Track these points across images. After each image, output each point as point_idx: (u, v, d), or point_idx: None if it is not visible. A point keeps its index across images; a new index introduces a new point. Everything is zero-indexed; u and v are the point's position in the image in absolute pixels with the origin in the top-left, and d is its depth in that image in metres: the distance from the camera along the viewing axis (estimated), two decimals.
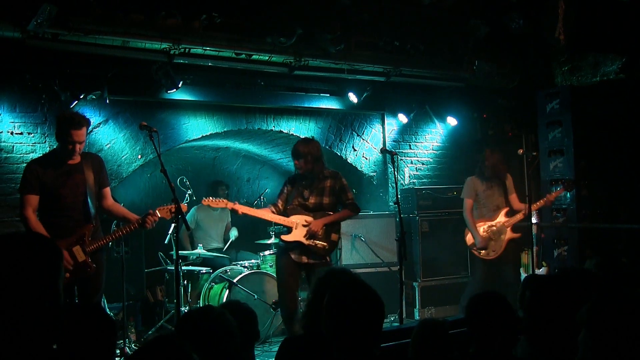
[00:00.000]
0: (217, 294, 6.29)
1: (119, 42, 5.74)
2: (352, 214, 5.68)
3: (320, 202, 5.55)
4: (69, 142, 4.54)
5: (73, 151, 4.58)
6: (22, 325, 2.06)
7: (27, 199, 4.49)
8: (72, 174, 4.62)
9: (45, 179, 4.53)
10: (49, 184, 4.53)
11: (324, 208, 5.55)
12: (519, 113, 8.18)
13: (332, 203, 5.57)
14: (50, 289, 2.17)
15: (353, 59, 6.87)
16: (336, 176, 5.61)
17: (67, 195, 4.58)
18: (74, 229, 4.57)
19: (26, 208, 4.48)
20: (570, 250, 6.84)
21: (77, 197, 4.63)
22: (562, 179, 6.89)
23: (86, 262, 4.54)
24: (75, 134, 4.53)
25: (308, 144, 5.59)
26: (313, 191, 5.55)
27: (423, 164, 8.41)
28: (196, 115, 6.90)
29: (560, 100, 7.06)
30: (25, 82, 5.85)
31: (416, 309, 7.33)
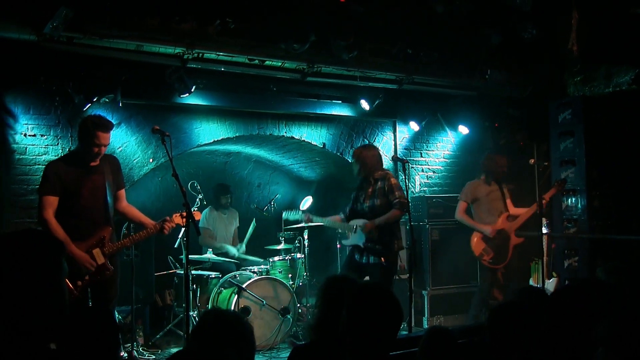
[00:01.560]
0: (226, 298, 6.27)
1: (133, 46, 5.75)
2: (400, 212, 5.67)
3: (373, 205, 5.75)
4: (94, 145, 4.56)
5: (98, 154, 4.61)
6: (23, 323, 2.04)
7: (47, 200, 4.47)
8: (92, 175, 4.63)
9: (66, 180, 4.52)
10: (69, 185, 4.52)
11: (377, 210, 5.72)
12: (531, 123, 8.12)
13: (384, 204, 5.71)
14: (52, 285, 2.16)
15: (366, 66, 6.86)
16: (385, 177, 5.79)
17: (87, 197, 4.58)
18: (94, 231, 4.58)
19: (46, 209, 4.46)
20: (581, 261, 6.77)
21: (97, 199, 4.63)
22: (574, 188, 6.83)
23: (105, 265, 4.55)
24: (103, 137, 4.59)
25: (362, 150, 5.97)
26: (367, 195, 5.81)
27: (434, 172, 8.37)
28: (208, 120, 6.90)
29: (573, 111, 7.01)
30: (39, 85, 5.87)
31: (425, 318, 7.28)
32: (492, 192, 6.59)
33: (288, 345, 6.23)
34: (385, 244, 5.68)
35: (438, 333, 3.02)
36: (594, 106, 7.02)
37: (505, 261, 6.50)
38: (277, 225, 7.66)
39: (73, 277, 4.45)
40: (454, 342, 2.94)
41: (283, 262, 6.87)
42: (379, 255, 5.66)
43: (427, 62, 6.99)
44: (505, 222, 6.52)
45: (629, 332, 1.95)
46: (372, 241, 5.69)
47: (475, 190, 6.58)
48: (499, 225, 6.51)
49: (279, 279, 6.49)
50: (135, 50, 5.83)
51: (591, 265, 6.60)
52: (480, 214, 6.53)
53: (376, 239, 5.68)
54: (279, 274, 6.73)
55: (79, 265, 4.46)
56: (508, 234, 6.50)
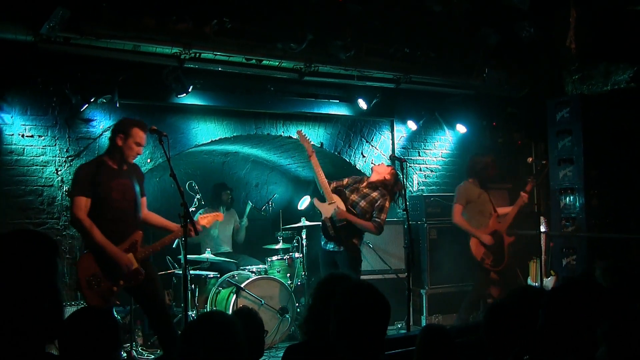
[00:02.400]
0: (225, 298, 6.28)
1: (130, 46, 5.76)
2: (374, 230, 5.82)
3: (358, 203, 5.84)
4: (135, 144, 4.60)
5: (136, 154, 4.63)
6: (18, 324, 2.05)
7: (80, 201, 4.45)
8: (122, 179, 4.63)
9: (98, 182, 4.51)
10: (101, 187, 4.51)
11: (357, 209, 5.81)
12: (529, 121, 8.13)
13: (365, 210, 5.81)
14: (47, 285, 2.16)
15: (363, 66, 6.87)
16: (384, 195, 5.88)
17: (119, 200, 4.58)
18: (126, 235, 4.58)
19: (79, 210, 4.44)
20: (579, 259, 6.79)
21: (128, 202, 4.64)
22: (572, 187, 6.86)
23: (138, 270, 4.56)
24: (141, 137, 4.64)
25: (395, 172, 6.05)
26: (360, 193, 5.89)
27: (432, 171, 8.38)
28: (206, 120, 6.91)
29: (571, 109, 7.02)
30: (36, 85, 5.87)
31: (423, 317, 7.30)
32: (482, 194, 6.55)
33: None
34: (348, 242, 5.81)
35: (434, 331, 3.04)
36: (592, 104, 7.03)
37: (504, 262, 6.49)
38: (275, 224, 7.68)
39: (110, 282, 4.47)
40: (450, 340, 2.96)
41: (281, 261, 6.89)
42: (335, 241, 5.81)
43: (425, 61, 7.01)
44: (496, 223, 6.51)
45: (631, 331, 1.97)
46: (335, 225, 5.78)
47: (469, 193, 6.53)
48: (491, 226, 6.49)
49: (278, 279, 6.51)
50: (132, 51, 5.84)
51: (589, 264, 6.62)
52: (473, 217, 6.49)
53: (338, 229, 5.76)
54: (277, 274, 6.75)
55: (119, 266, 4.47)
56: (501, 234, 6.51)
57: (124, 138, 4.61)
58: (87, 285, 4.40)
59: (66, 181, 6.04)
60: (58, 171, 6.02)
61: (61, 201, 6.02)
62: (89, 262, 4.45)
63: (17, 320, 2.06)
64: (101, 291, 4.44)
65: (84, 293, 4.42)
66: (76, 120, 6.14)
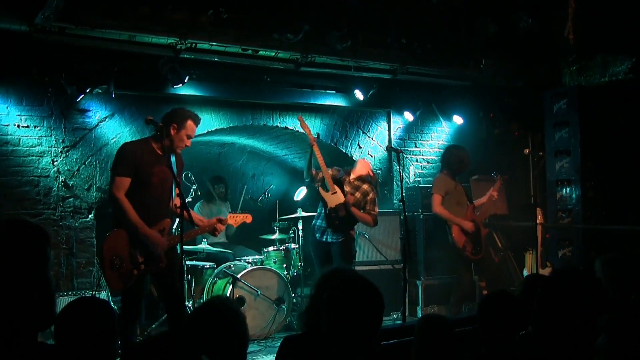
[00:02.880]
0: (221, 289, 6.31)
1: (125, 36, 5.74)
2: (372, 223, 6.08)
3: (352, 194, 6.01)
4: (187, 137, 4.63)
5: (183, 146, 4.65)
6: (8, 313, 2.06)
7: (121, 181, 4.44)
8: (163, 166, 4.61)
9: (141, 164, 4.51)
10: (142, 170, 4.50)
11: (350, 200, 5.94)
12: (526, 113, 8.14)
13: (358, 201, 5.99)
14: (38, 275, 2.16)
15: (360, 56, 6.85)
16: (373, 188, 6.10)
17: (157, 187, 4.59)
18: (157, 221, 4.59)
19: (119, 189, 4.43)
20: (575, 251, 6.83)
21: (164, 190, 4.66)
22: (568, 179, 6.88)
23: (160, 257, 4.56)
24: (192, 129, 4.70)
25: None
26: (352, 184, 6.08)
27: (428, 162, 8.40)
28: (202, 111, 6.87)
29: (568, 101, 7.03)
30: (31, 76, 5.85)
31: (419, 307, 7.34)
32: (457, 186, 6.60)
33: None
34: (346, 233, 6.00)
35: (433, 321, 3.05)
36: (589, 96, 7.03)
37: (482, 251, 6.59)
38: (272, 215, 7.70)
39: (131, 265, 4.48)
40: (449, 329, 2.97)
41: (277, 252, 6.91)
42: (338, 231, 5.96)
43: (422, 52, 6.99)
44: (473, 214, 6.57)
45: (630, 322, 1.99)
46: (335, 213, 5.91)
47: (446, 184, 6.56)
48: (469, 216, 6.54)
49: (274, 269, 6.53)
50: (128, 41, 5.81)
51: (585, 256, 6.66)
52: (450, 207, 6.52)
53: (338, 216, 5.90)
54: (273, 264, 6.77)
55: (151, 246, 4.49)
56: (478, 224, 6.56)
57: (177, 128, 4.61)
58: (109, 266, 4.40)
59: (62, 172, 6.05)
60: (54, 162, 6.02)
61: (57, 192, 6.02)
62: (116, 242, 4.45)
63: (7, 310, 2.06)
64: (122, 273, 4.44)
65: (105, 273, 4.43)
66: (72, 111, 6.14)
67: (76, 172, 6.15)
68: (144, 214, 4.50)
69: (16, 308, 2.08)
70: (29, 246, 2.17)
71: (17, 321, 2.07)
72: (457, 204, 6.57)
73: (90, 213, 6.20)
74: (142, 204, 4.51)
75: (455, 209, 6.54)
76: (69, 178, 6.10)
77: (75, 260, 6.06)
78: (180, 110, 4.78)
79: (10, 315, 2.06)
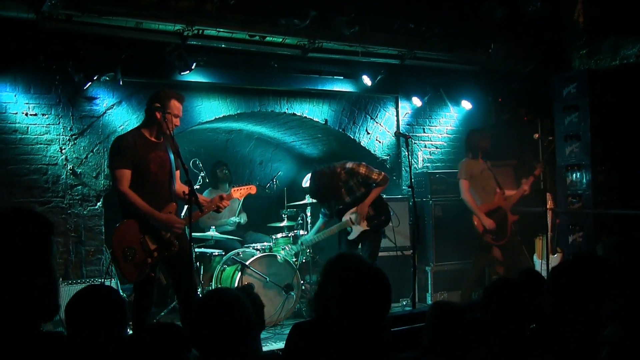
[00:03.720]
0: (230, 276, 6.34)
1: (132, 23, 5.73)
2: (383, 187, 6.11)
3: (355, 197, 6.05)
4: (173, 116, 4.63)
5: (173, 127, 4.64)
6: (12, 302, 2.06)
7: (123, 174, 4.49)
8: (159, 151, 4.66)
9: (137, 153, 4.55)
10: (139, 159, 4.55)
11: (362, 198, 6.03)
12: (535, 97, 8.08)
13: (366, 192, 6.05)
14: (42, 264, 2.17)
15: (367, 42, 6.82)
16: (353, 171, 6.04)
17: (156, 172, 4.62)
18: (161, 207, 4.61)
19: (123, 183, 4.48)
20: (586, 236, 6.80)
21: (164, 175, 4.68)
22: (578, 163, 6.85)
23: (171, 241, 4.60)
24: (178, 108, 4.68)
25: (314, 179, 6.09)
26: (342, 196, 6.07)
27: (437, 147, 8.38)
28: (209, 98, 6.91)
29: (577, 85, 6.96)
30: (39, 64, 5.87)
31: (428, 294, 7.36)
32: (485, 170, 6.68)
33: None
34: (387, 215, 6.14)
35: (444, 307, 3.05)
36: (599, 80, 6.95)
37: (505, 237, 6.65)
38: (280, 202, 7.71)
39: (144, 254, 4.52)
40: (461, 316, 2.96)
41: (286, 239, 6.92)
42: (383, 226, 6.12)
43: (429, 36, 6.95)
44: (501, 200, 6.62)
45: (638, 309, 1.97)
46: (374, 219, 6.01)
47: (472, 168, 6.64)
48: (496, 202, 6.62)
49: (282, 256, 6.55)
50: (135, 28, 5.81)
51: (596, 241, 6.63)
52: (476, 192, 6.60)
53: (375, 215, 6.02)
54: (282, 251, 6.79)
55: (168, 229, 4.54)
56: (505, 211, 6.59)
57: (162, 110, 4.63)
58: (122, 257, 4.45)
59: (70, 159, 6.07)
60: (62, 150, 6.05)
61: (65, 180, 6.05)
62: (125, 233, 4.49)
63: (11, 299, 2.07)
64: (136, 264, 4.49)
65: (119, 264, 4.47)
66: (79, 99, 6.16)
67: (84, 160, 6.18)
68: (149, 202, 4.53)
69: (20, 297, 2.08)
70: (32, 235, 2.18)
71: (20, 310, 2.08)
72: (482, 188, 6.66)
73: (99, 201, 6.23)
74: (145, 192, 4.54)
75: (480, 193, 6.63)
76: (77, 166, 6.13)
77: (84, 248, 6.10)
78: (162, 92, 4.75)
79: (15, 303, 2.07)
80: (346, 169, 6.04)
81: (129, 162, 4.51)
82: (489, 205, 6.65)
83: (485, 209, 6.62)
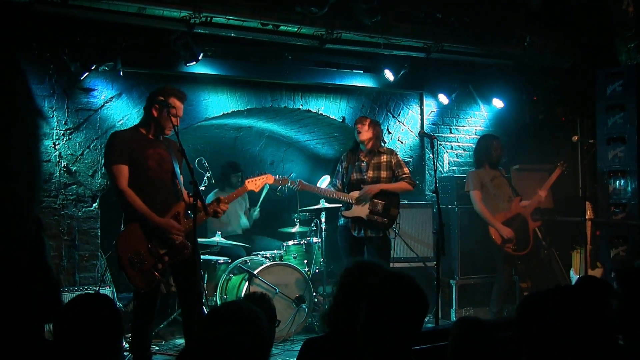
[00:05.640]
0: (236, 286, 6.29)
1: (134, 8, 5.71)
2: (409, 187, 6.08)
3: (378, 177, 6.03)
4: (171, 114, 4.60)
5: (171, 126, 4.62)
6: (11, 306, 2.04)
7: (120, 170, 4.50)
8: (157, 148, 4.68)
9: (133, 149, 4.56)
10: (136, 154, 4.56)
11: (382, 182, 6.01)
12: (574, 95, 8.03)
13: (389, 177, 6.06)
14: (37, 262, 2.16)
15: (390, 32, 6.80)
16: (392, 152, 6.14)
17: (155, 169, 4.63)
18: (168, 206, 4.62)
19: (120, 180, 4.49)
20: (630, 250, 6.68)
21: (165, 173, 4.69)
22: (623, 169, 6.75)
23: (184, 243, 4.59)
24: (178, 107, 4.70)
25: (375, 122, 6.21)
26: (370, 166, 6.06)
27: (464, 149, 8.32)
28: (217, 91, 6.89)
29: (624, 82, 6.84)
30: (31, 51, 5.83)
31: (453, 309, 7.27)
32: (496, 178, 6.69)
33: None
34: (390, 218, 6.02)
35: (470, 324, 2.99)
36: None
37: (528, 247, 6.66)
38: (292, 206, 7.67)
39: (154, 259, 4.50)
40: (487, 334, 2.91)
41: (298, 246, 6.88)
42: (382, 229, 5.99)
43: (458, 27, 6.94)
44: (519, 207, 6.59)
45: None
46: (377, 214, 5.95)
47: (480, 177, 6.67)
48: (513, 210, 6.63)
49: (294, 265, 6.50)
50: (137, 14, 5.79)
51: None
52: (487, 201, 6.58)
53: (380, 212, 5.95)
54: (293, 260, 6.74)
55: (168, 234, 4.52)
56: (525, 217, 6.58)
57: (159, 108, 4.63)
58: (129, 264, 4.44)
59: (64, 156, 6.05)
60: (56, 145, 6.04)
61: (59, 178, 6.03)
62: (130, 239, 4.49)
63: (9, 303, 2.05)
64: (144, 270, 4.47)
65: (127, 273, 4.45)
66: (75, 90, 6.15)
67: (79, 157, 6.16)
68: (149, 201, 4.53)
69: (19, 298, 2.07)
70: None
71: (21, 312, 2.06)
72: (494, 196, 6.62)
73: (95, 202, 6.20)
74: (144, 191, 4.55)
75: (491, 202, 6.60)
76: (72, 163, 6.11)
77: (77, 253, 6.08)
78: (162, 87, 4.79)
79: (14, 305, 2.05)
80: (387, 147, 6.21)
81: (125, 157, 4.52)
82: (506, 214, 6.63)
83: (502, 218, 6.59)
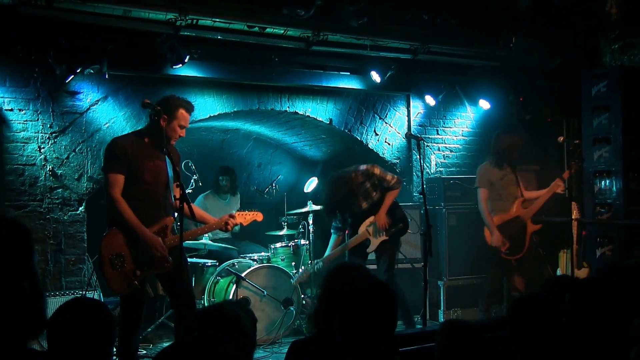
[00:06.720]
0: (223, 289, 6.31)
1: (120, 11, 5.70)
2: (398, 191, 6.23)
3: (372, 202, 6.12)
4: (179, 127, 4.66)
5: (177, 137, 4.70)
6: None
7: (115, 179, 4.52)
8: (156, 160, 4.68)
9: (133, 159, 4.56)
10: (135, 165, 4.57)
11: (378, 203, 6.12)
12: (560, 96, 8.07)
13: (381, 197, 6.13)
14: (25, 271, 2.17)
15: (377, 34, 6.80)
16: (369, 173, 6.12)
17: (150, 183, 4.63)
18: (156, 219, 4.63)
19: (114, 188, 4.50)
20: (616, 249, 6.75)
21: (159, 185, 4.69)
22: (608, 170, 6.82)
23: (165, 257, 4.58)
24: (186, 119, 4.73)
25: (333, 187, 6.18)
26: (359, 201, 6.12)
27: (451, 151, 8.35)
28: (204, 94, 6.88)
29: (609, 82, 6.90)
30: (16, 54, 5.81)
31: (441, 311, 7.31)
32: (506, 176, 6.59)
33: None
34: (404, 222, 6.26)
35: (456, 326, 3.03)
36: (633, 77, 6.89)
37: (522, 251, 6.56)
38: (280, 209, 7.69)
39: (134, 265, 4.52)
40: (474, 335, 2.95)
41: (286, 249, 6.91)
42: (401, 234, 6.26)
43: (445, 29, 6.94)
44: (520, 209, 6.56)
45: None
46: (391, 227, 6.09)
47: (491, 175, 6.58)
48: (514, 212, 6.56)
49: (282, 268, 6.52)
50: (123, 16, 5.78)
51: (626, 255, 6.59)
52: (494, 201, 6.55)
53: (392, 224, 6.10)
54: (281, 262, 6.77)
55: (147, 249, 4.52)
56: (524, 221, 6.55)
57: (168, 120, 4.65)
58: (109, 264, 4.46)
59: (50, 160, 6.03)
60: (41, 149, 6.01)
61: (44, 182, 6.01)
62: (115, 240, 4.52)
63: None
64: (124, 273, 4.49)
65: (105, 272, 4.47)
66: (61, 93, 6.12)
67: (65, 160, 6.14)
68: (138, 213, 4.53)
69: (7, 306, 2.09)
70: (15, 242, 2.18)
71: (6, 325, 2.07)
72: (499, 196, 6.59)
73: (81, 205, 6.19)
74: (136, 202, 4.55)
75: (497, 202, 6.57)
76: (58, 167, 6.09)
77: (63, 257, 6.06)
78: (171, 98, 4.80)
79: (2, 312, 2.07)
80: (361, 171, 6.10)
81: (124, 167, 4.54)
82: (505, 216, 6.57)
83: (499, 220, 6.54)
